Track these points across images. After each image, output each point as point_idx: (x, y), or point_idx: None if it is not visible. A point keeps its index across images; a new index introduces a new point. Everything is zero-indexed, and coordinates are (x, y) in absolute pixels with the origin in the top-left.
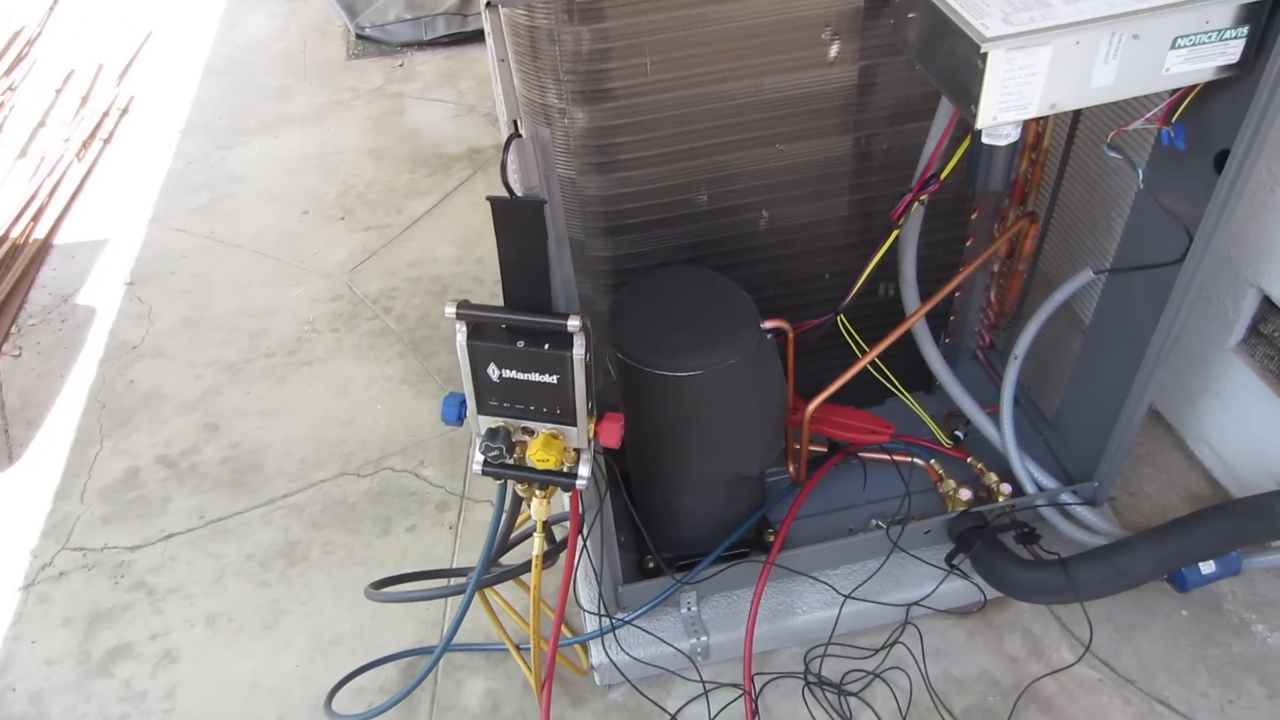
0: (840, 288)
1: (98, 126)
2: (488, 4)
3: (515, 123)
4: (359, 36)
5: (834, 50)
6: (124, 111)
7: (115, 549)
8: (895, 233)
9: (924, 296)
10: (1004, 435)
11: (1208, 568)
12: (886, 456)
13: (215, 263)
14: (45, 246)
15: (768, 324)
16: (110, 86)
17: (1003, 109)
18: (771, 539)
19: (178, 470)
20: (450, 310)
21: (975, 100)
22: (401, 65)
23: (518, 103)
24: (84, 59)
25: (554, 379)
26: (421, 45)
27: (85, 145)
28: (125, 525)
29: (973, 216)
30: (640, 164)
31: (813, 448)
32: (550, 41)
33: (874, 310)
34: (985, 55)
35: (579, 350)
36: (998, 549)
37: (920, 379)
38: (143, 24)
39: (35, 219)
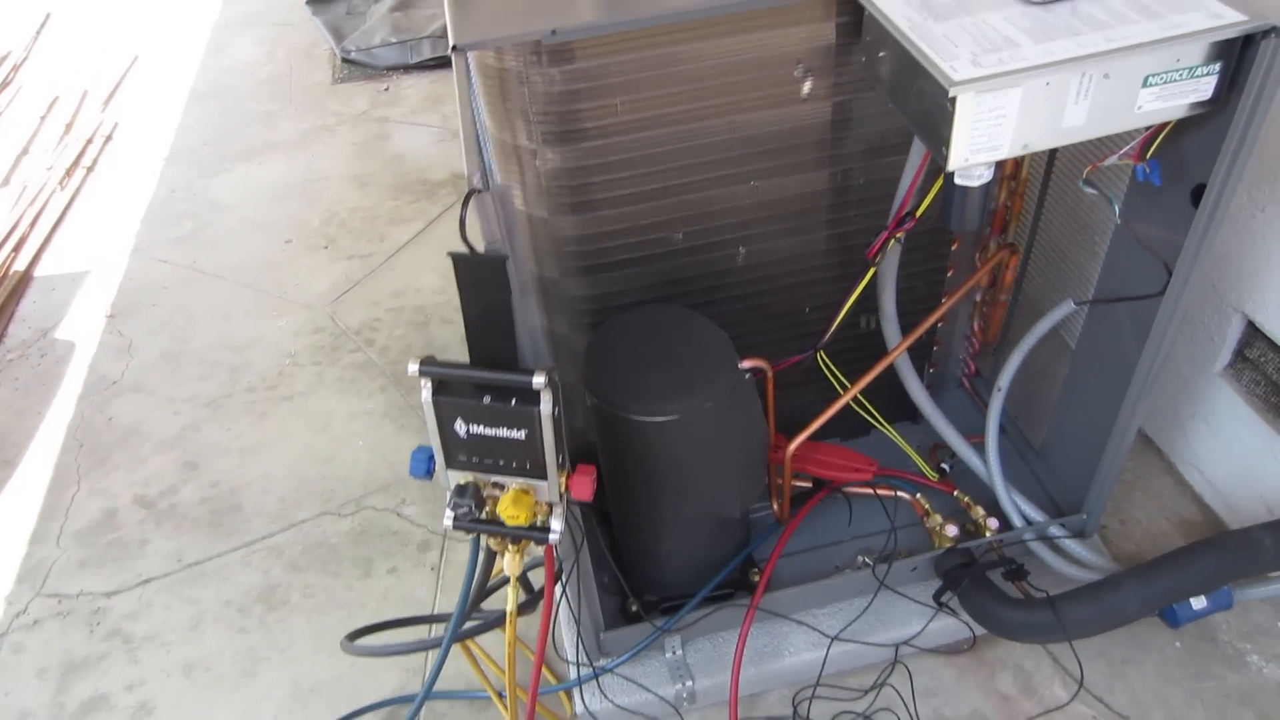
0: (820, 321)
1: (81, 154)
2: (453, 48)
3: (474, 177)
4: (345, 60)
5: (807, 87)
6: (108, 138)
7: (91, 595)
8: (872, 270)
9: (905, 329)
10: (990, 469)
11: (1199, 603)
12: (872, 491)
13: (197, 294)
14: (25, 279)
15: (746, 363)
16: (95, 112)
17: (974, 151)
18: (756, 579)
19: (156, 511)
20: (413, 368)
21: (946, 142)
22: (387, 89)
23: (481, 149)
24: (69, 84)
25: (522, 434)
26: (407, 68)
27: (69, 173)
28: (102, 570)
29: (953, 248)
30: (614, 203)
31: (797, 483)
32: (520, 83)
33: (855, 343)
34: (954, 99)
35: (546, 406)
36: (985, 587)
37: (905, 409)
38: (129, 49)
39: (16, 250)
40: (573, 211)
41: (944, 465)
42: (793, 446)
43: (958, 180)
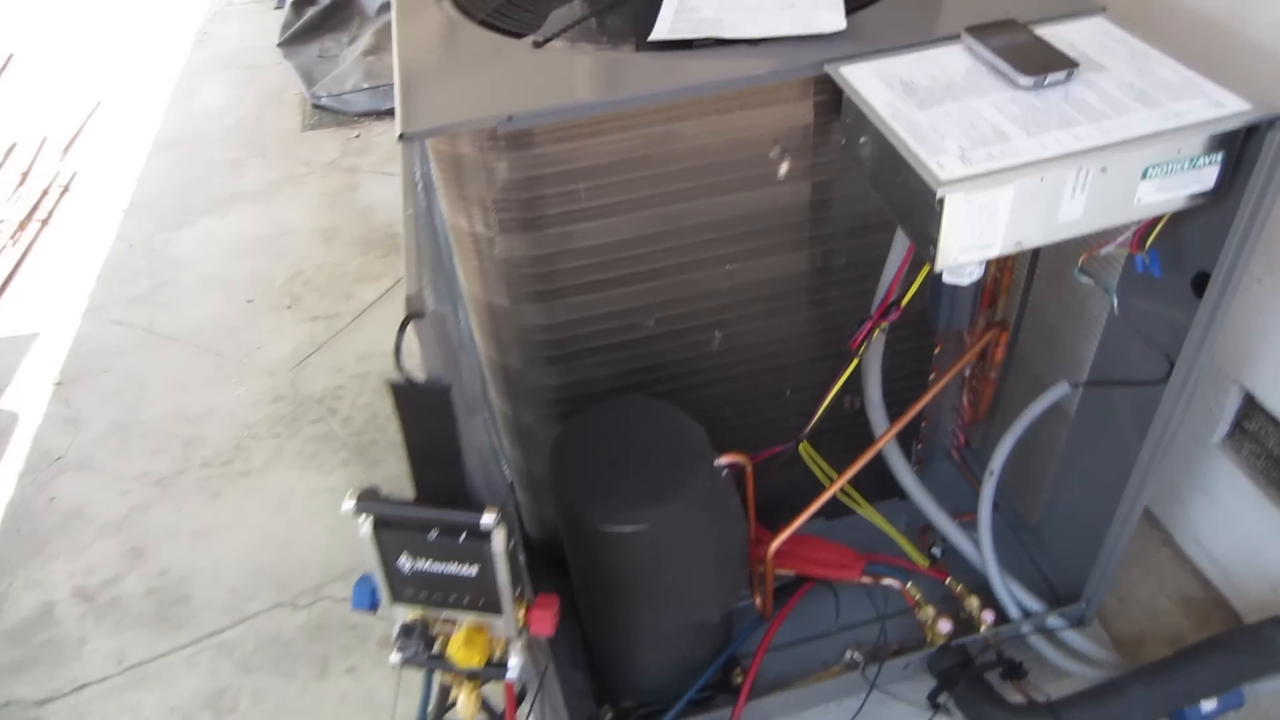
0: (801, 404)
1: (36, 206)
2: (401, 136)
3: (412, 299)
4: (316, 106)
5: (784, 168)
6: (65, 189)
7: (21, 703)
8: (856, 360)
9: (892, 409)
10: (984, 557)
11: (1209, 704)
12: (859, 579)
13: (151, 359)
14: None
15: (723, 459)
16: (54, 161)
17: (964, 250)
18: (739, 680)
19: (96, 605)
20: (349, 505)
21: (934, 242)
22: (358, 136)
23: (422, 261)
24: (28, 131)
25: (474, 570)
26: (379, 115)
27: (21, 227)
28: (35, 673)
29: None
30: (579, 290)
31: (781, 572)
32: (475, 170)
33: (839, 424)
34: (942, 200)
35: (498, 544)
36: (982, 689)
37: (892, 486)
38: (93, 93)
39: None
40: (535, 300)
41: (934, 550)
42: (775, 545)
43: (946, 278)
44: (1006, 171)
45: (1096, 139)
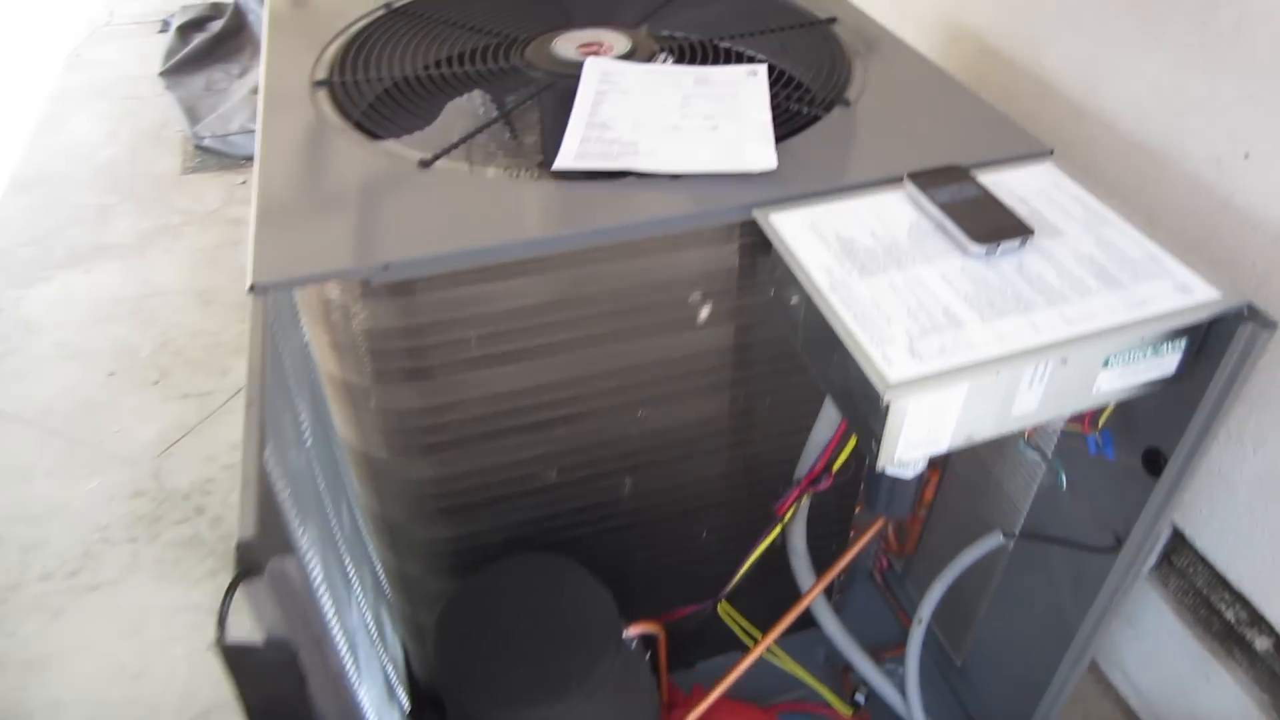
0: (719, 547)
1: None
2: (251, 288)
3: (244, 549)
4: (198, 146)
5: (704, 313)
6: None
7: None
8: (780, 526)
9: (814, 545)
10: (911, 710)
11: None
12: None
13: None
14: None
15: (634, 630)
16: None
17: (910, 448)
18: None
19: None
20: None
21: (876, 439)
22: (244, 182)
23: (267, 489)
24: None
25: None
26: None
27: None
28: None
29: None
30: (471, 442)
31: None
32: (347, 317)
33: (758, 574)
34: (888, 406)
35: None
36: None
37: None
38: None
39: None
40: (420, 453)
41: (858, 697)
42: (692, 718)
43: (888, 471)
44: (961, 370)
45: (1057, 329)
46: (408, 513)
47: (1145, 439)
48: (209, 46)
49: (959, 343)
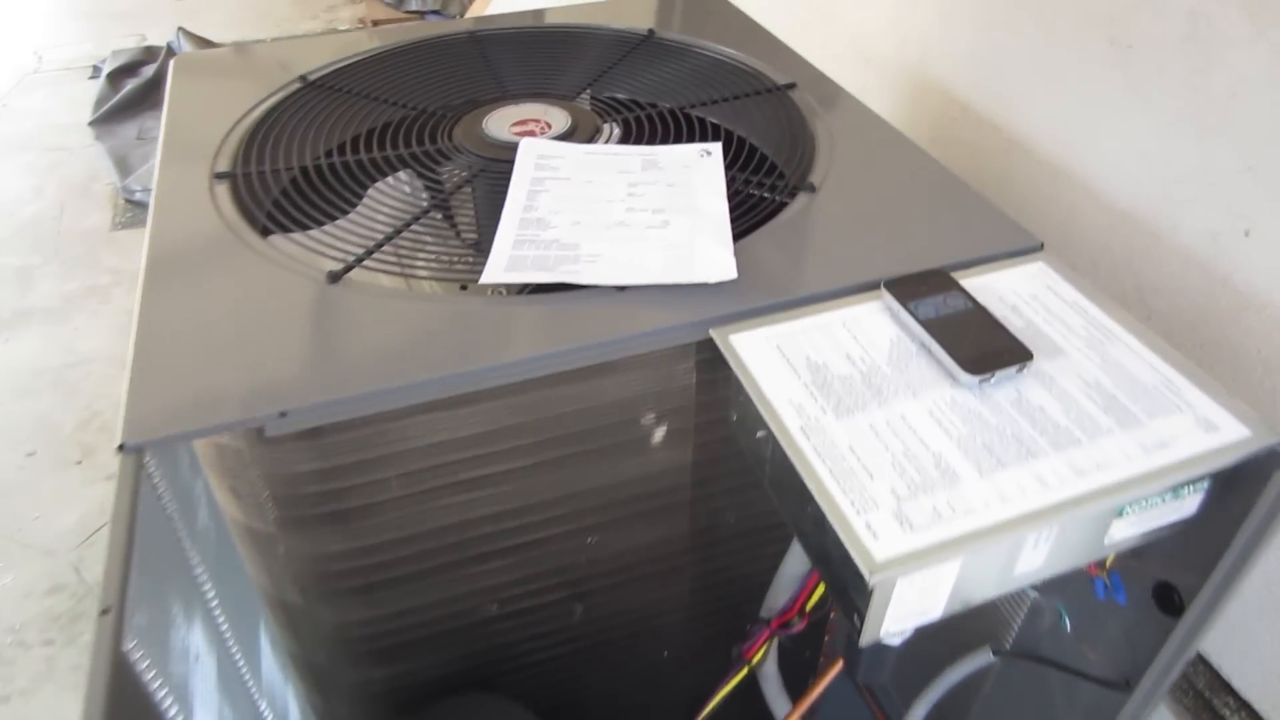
0: (683, 661)
1: None
2: (120, 447)
3: None
4: (129, 201)
5: (659, 435)
6: None
7: None
8: (746, 669)
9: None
10: None
11: None
12: None
13: None
14: None
15: None
16: None
17: (897, 622)
18: None
19: None
20: None
21: (860, 615)
22: None
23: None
24: None
25: None
26: None
27: None
28: None
29: None
30: (396, 583)
31: None
32: (244, 464)
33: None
34: (874, 587)
35: None
36: None
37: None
38: None
39: None
40: (338, 597)
41: None
42: None
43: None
44: (959, 541)
45: (1067, 484)
46: (330, 657)
47: (1156, 573)
48: (142, 93)
49: (955, 505)
